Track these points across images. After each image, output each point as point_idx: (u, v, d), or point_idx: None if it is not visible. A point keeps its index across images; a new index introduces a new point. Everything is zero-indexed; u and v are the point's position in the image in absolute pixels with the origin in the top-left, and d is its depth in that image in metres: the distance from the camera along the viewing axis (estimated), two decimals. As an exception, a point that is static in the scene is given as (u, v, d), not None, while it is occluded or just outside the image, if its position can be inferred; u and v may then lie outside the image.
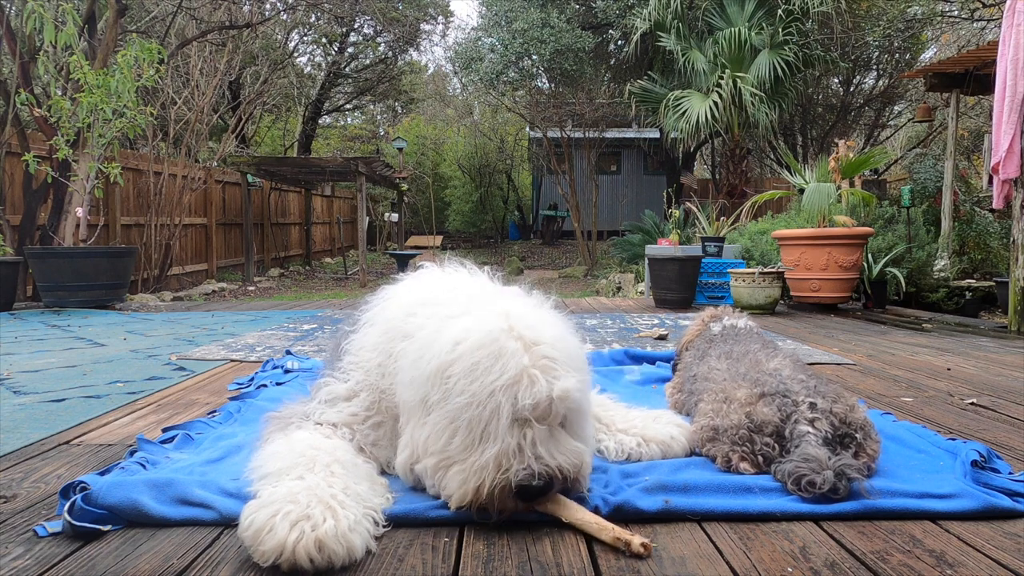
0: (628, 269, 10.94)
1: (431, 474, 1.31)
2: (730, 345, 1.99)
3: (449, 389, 1.28)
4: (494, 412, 1.24)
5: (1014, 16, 4.22)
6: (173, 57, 9.42)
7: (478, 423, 1.24)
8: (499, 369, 1.25)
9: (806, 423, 1.51)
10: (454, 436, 1.27)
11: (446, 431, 1.28)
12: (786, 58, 9.57)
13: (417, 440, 1.34)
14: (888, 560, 1.17)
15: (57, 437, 1.91)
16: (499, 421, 1.23)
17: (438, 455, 1.29)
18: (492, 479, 1.22)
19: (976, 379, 2.79)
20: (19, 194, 6.92)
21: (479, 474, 1.23)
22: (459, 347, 1.29)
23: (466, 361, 1.27)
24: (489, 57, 13.31)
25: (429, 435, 1.31)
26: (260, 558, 1.12)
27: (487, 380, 1.25)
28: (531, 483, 1.22)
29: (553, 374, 1.29)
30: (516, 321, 1.32)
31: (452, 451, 1.28)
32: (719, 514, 1.34)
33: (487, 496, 1.23)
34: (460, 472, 1.25)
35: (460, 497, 1.25)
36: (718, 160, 15.41)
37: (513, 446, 1.24)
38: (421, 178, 21.00)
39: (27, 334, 4.20)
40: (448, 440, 1.28)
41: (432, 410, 1.31)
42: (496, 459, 1.23)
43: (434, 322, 1.42)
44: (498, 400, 1.24)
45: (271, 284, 11.76)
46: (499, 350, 1.27)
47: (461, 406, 1.25)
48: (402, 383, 1.39)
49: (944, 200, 7.72)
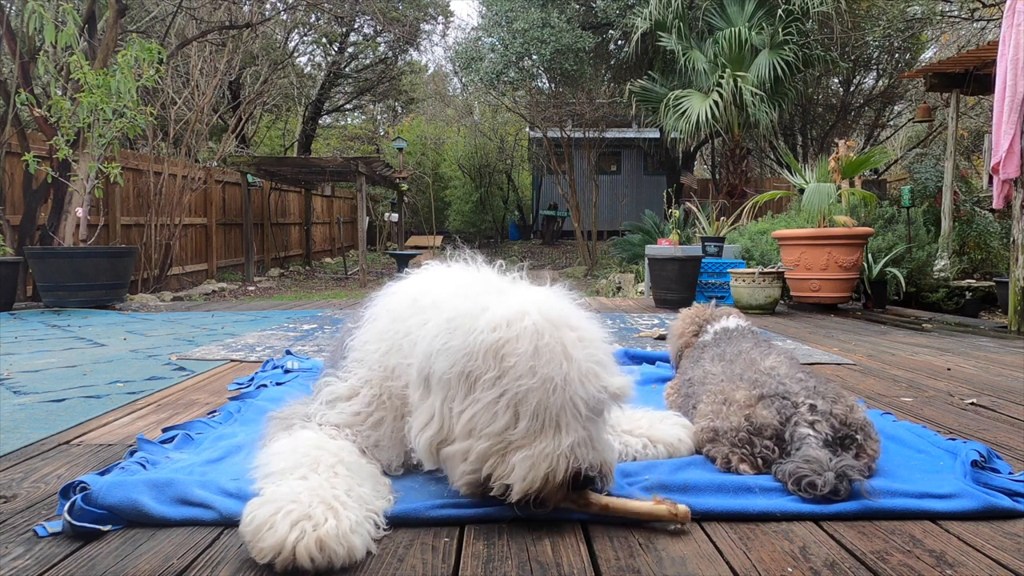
0: (628, 269, 10.94)
1: (479, 459, 1.24)
2: (723, 347, 1.99)
3: (508, 368, 1.22)
4: (569, 402, 1.21)
5: (1014, 16, 4.22)
6: (173, 57, 9.42)
7: (548, 410, 1.21)
8: (568, 358, 1.23)
9: (806, 425, 1.50)
10: (518, 420, 1.21)
11: (505, 413, 1.22)
12: (786, 58, 9.57)
13: (454, 416, 1.26)
14: (888, 560, 1.17)
15: (57, 437, 1.91)
16: (576, 412, 1.22)
17: (493, 438, 1.22)
18: (565, 467, 1.19)
19: (976, 379, 2.79)
20: (19, 194, 6.92)
21: (550, 460, 1.19)
22: (515, 326, 1.24)
23: (528, 343, 1.22)
24: (489, 57, 13.31)
25: (477, 414, 1.23)
26: (258, 555, 1.11)
27: (557, 369, 1.21)
28: (591, 473, 1.22)
29: (611, 371, 1.29)
30: (560, 315, 1.30)
31: (515, 436, 1.22)
32: (719, 514, 1.34)
33: (554, 484, 1.20)
34: (528, 458, 1.20)
35: (529, 483, 1.20)
36: (718, 160, 15.41)
37: (584, 437, 1.22)
38: (421, 178, 21.00)
39: (27, 334, 4.20)
40: (509, 423, 1.22)
41: (480, 387, 1.24)
42: (571, 449, 1.20)
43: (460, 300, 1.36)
44: (574, 390, 1.21)
45: (271, 284, 11.76)
46: (562, 338, 1.24)
47: (530, 388, 1.20)
48: (430, 351, 1.30)
49: (944, 200, 7.72)
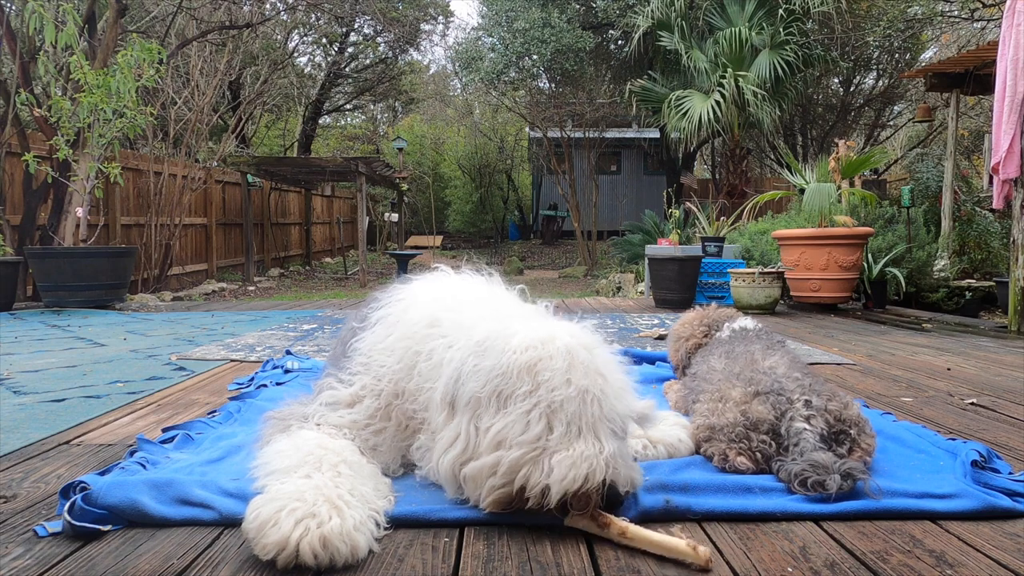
0: (628, 269, 10.94)
1: (511, 469, 1.20)
2: (734, 345, 2.00)
3: (543, 381, 1.22)
4: (606, 414, 1.23)
5: (1014, 16, 4.21)
6: (173, 57, 9.41)
7: (585, 418, 1.20)
8: (603, 375, 1.25)
9: (802, 420, 1.51)
10: (552, 427, 1.20)
11: (540, 422, 1.20)
12: (786, 58, 9.57)
13: (480, 433, 1.25)
14: (888, 560, 1.17)
15: (57, 437, 1.91)
16: (612, 424, 1.23)
17: (526, 446, 1.20)
18: (603, 470, 1.17)
19: (976, 379, 2.79)
20: (19, 194, 6.92)
21: (591, 463, 1.17)
22: (547, 347, 1.25)
23: (561, 361, 1.23)
24: (490, 57, 13.32)
25: (508, 425, 1.22)
26: (261, 551, 1.11)
27: (593, 382, 1.23)
28: (624, 489, 1.23)
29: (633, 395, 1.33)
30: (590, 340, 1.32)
31: (551, 442, 1.19)
32: (719, 514, 1.34)
33: (593, 487, 1.17)
34: (567, 458, 1.17)
35: (570, 482, 1.16)
36: (718, 160, 15.41)
37: (619, 450, 1.23)
38: (421, 178, 21.00)
39: (27, 334, 4.20)
40: (543, 431, 1.20)
41: (512, 401, 1.24)
42: (609, 458, 1.19)
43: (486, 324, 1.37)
44: (611, 404, 1.23)
45: (271, 284, 11.76)
46: (594, 359, 1.27)
47: (565, 398, 1.20)
48: (457, 374, 1.31)
49: (944, 200, 7.71)
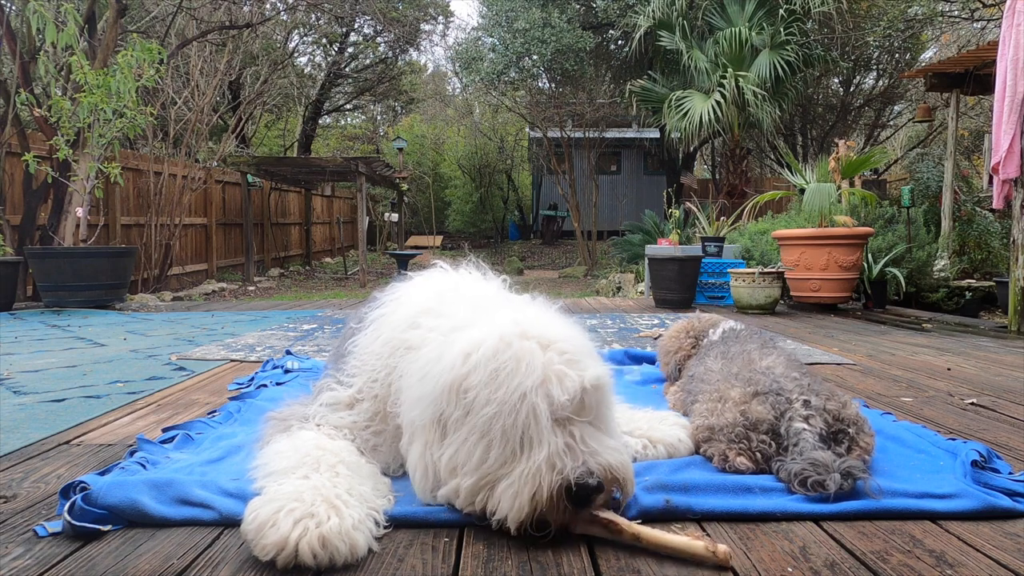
0: (628, 269, 10.94)
1: (469, 496, 1.20)
2: (728, 345, 2.01)
3: (470, 402, 1.19)
4: (530, 415, 1.15)
5: (1014, 16, 4.21)
6: (173, 57, 9.42)
7: (514, 430, 1.15)
8: (524, 371, 1.17)
9: (801, 420, 1.52)
10: (489, 450, 1.17)
11: (478, 446, 1.18)
12: (787, 58, 9.57)
13: (437, 462, 1.24)
14: (888, 560, 1.17)
15: (57, 437, 1.91)
16: (539, 423, 1.15)
17: (474, 474, 1.18)
18: (549, 482, 1.11)
19: (976, 379, 2.79)
20: (19, 194, 6.92)
21: (532, 481, 1.12)
22: (472, 358, 1.21)
23: (483, 371, 1.18)
24: (490, 57, 13.32)
25: (455, 453, 1.20)
26: (260, 552, 1.11)
27: (513, 384, 1.16)
28: (587, 480, 1.12)
29: (579, 366, 1.21)
30: (527, 325, 1.25)
31: (491, 467, 1.17)
32: (719, 514, 1.34)
33: (546, 503, 1.13)
34: (510, 486, 1.14)
35: (518, 512, 1.13)
36: (718, 160, 15.42)
37: (562, 445, 1.15)
38: (421, 178, 21.00)
39: (27, 334, 4.20)
40: (483, 455, 1.17)
41: (451, 428, 1.22)
42: (548, 461, 1.13)
43: (436, 335, 1.35)
44: (532, 401, 1.15)
45: (271, 284, 11.76)
46: (517, 353, 1.19)
47: (490, 416, 1.16)
48: (408, 401, 1.31)
49: (944, 200, 7.72)
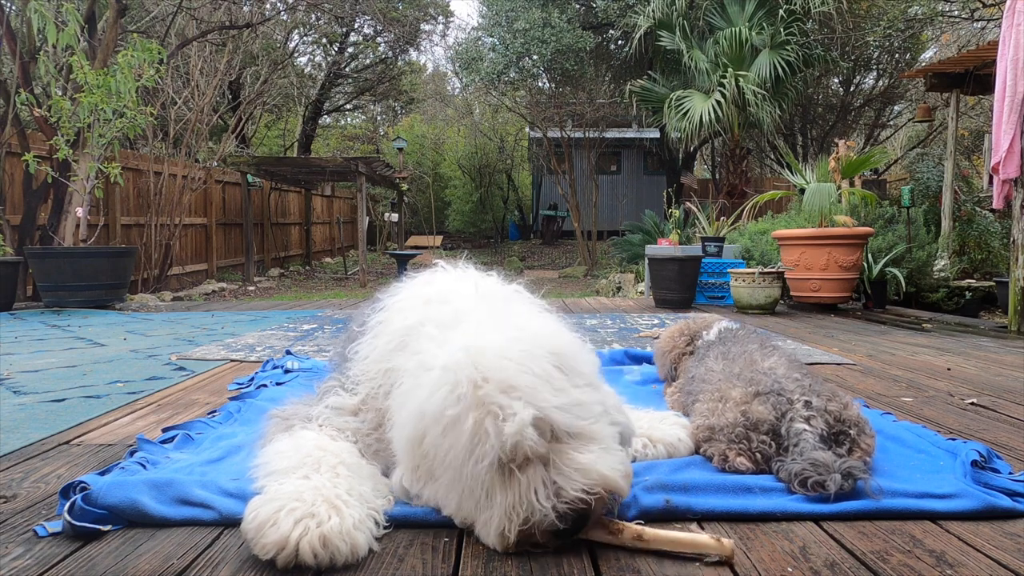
0: (628, 269, 10.94)
1: (459, 522, 1.27)
2: (728, 346, 2.00)
3: (431, 461, 1.24)
4: (479, 474, 1.16)
5: (1014, 16, 4.21)
6: (173, 57, 9.42)
7: (473, 486, 1.19)
8: (453, 439, 1.18)
9: (802, 421, 1.51)
10: (460, 498, 1.23)
11: (449, 493, 1.24)
12: (787, 58, 9.57)
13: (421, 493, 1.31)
14: (888, 560, 1.17)
15: (57, 437, 1.91)
16: (482, 486, 1.18)
17: (456, 514, 1.25)
18: (514, 531, 1.16)
19: (976, 379, 2.79)
20: (19, 194, 6.92)
21: (499, 525, 1.17)
22: (424, 419, 1.23)
23: (434, 432, 1.21)
24: (490, 57, 13.32)
25: (435, 496, 1.28)
26: (261, 551, 1.12)
27: (459, 446, 1.17)
28: (557, 527, 1.13)
29: (500, 419, 1.15)
30: (479, 357, 1.21)
31: (465, 513, 1.23)
32: (719, 513, 1.34)
33: (523, 536, 1.16)
34: (484, 526, 1.20)
35: (501, 544, 1.18)
36: (718, 160, 15.42)
37: (516, 499, 1.15)
38: (421, 178, 21.00)
39: (27, 334, 4.20)
40: (458, 502, 1.23)
41: (423, 480, 1.28)
42: (507, 514, 1.16)
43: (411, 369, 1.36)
44: (468, 471, 1.17)
45: (271, 284, 11.76)
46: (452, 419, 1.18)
47: (450, 478, 1.22)
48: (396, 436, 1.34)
49: (944, 200, 7.72)
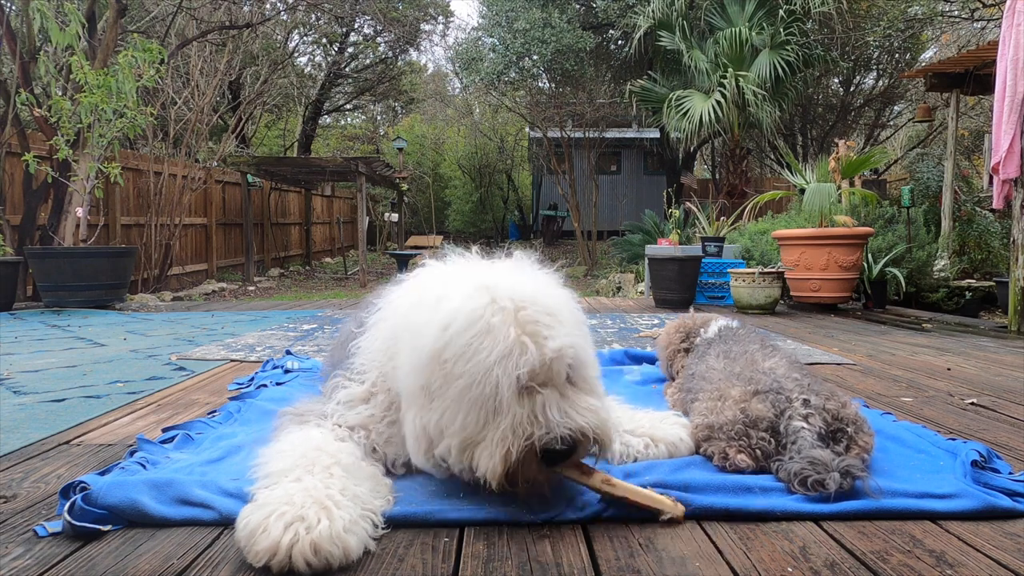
0: (628, 269, 10.94)
1: (457, 455, 1.31)
2: (729, 344, 2.00)
3: (448, 373, 1.29)
4: (494, 388, 1.24)
5: (1014, 16, 4.21)
6: (173, 57, 9.42)
7: (483, 400, 1.26)
8: (489, 345, 1.26)
9: (800, 419, 1.52)
10: (467, 416, 1.28)
11: (458, 413, 1.29)
12: (787, 58, 9.57)
13: (427, 425, 1.34)
14: (888, 560, 1.17)
15: (57, 437, 1.91)
16: (500, 394, 1.25)
17: (458, 435, 1.30)
18: (517, 446, 1.23)
19: (976, 379, 2.79)
20: (19, 194, 6.92)
21: (502, 445, 1.24)
22: (448, 331, 1.29)
23: (457, 344, 1.28)
24: (490, 57, 13.32)
25: (441, 418, 1.32)
26: (253, 559, 1.12)
27: (480, 359, 1.25)
28: (554, 447, 1.23)
29: (542, 337, 1.28)
30: (499, 292, 1.32)
31: (470, 431, 1.29)
32: (719, 513, 1.34)
33: (515, 463, 1.24)
34: (485, 448, 1.27)
35: (492, 471, 1.25)
36: (718, 160, 15.42)
37: (526, 415, 1.25)
38: (421, 178, 21.01)
39: (27, 334, 4.20)
40: (463, 421, 1.29)
41: (435, 396, 1.32)
42: (512, 429, 1.24)
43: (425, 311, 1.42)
44: (496, 375, 1.24)
45: (271, 284, 11.75)
46: (486, 326, 1.28)
47: (463, 388, 1.27)
48: (403, 373, 1.41)
49: (944, 200, 7.72)
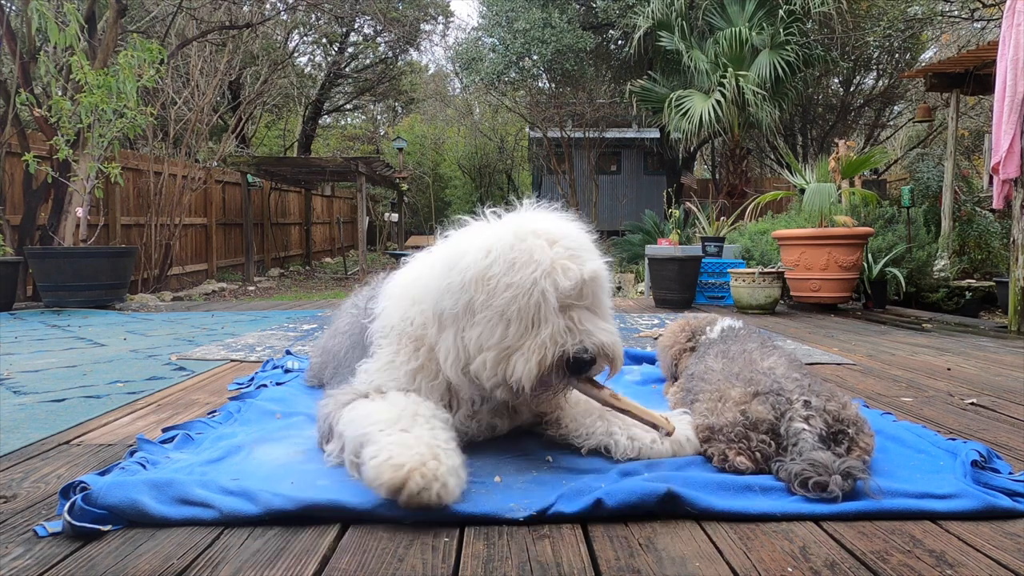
0: (628, 269, 10.94)
1: (492, 366, 1.44)
2: (728, 344, 2.00)
3: (493, 288, 1.43)
4: (540, 298, 1.40)
5: (1014, 16, 4.21)
6: (173, 57, 9.41)
7: (527, 311, 1.41)
8: (535, 262, 1.42)
9: (801, 420, 1.51)
10: (508, 327, 1.42)
11: (499, 325, 1.43)
12: (787, 58, 9.57)
13: (467, 342, 1.47)
14: (888, 560, 1.17)
15: (57, 437, 1.91)
16: (546, 305, 1.41)
17: (496, 348, 1.43)
18: (552, 353, 1.40)
19: (976, 379, 2.79)
20: (19, 194, 6.92)
21: (540, 351, 1.40)
22: (492, 252, 1.44)
23: (503, 262, 1.43)
24: (490, 57, 13.32)
25: (481, 333, 1.44)
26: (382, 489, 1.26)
27: (527, 273, 1.41)
28: (583, 355, 1.41)
29: (580, 260, 1.47)
30: (535, 225, 1.49)
31: (510, 341, 1.42)
32: (719, 513, 1.34)
33: (548, 369, 1.41)
34: (522, 355, 1.41)
35: (527, 375, 1.40)
36: (718, 160, 15.42)
37: (563, 325, 1.42)
38: (421, 178, 21.00)
39: (27, 334, 4.20)
40: (503, 332, 1.42)
41: (478, 311, 1.45)
42: (552, 337, 1.40)
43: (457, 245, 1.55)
44: (542, 287, 1.40)
45: (271, 284, 11.75)
46: (529, 247, 1.44)
47: (509, 299, 1.41)
48: (435, 294, 1.53)
49: (944, 200, 7.72)
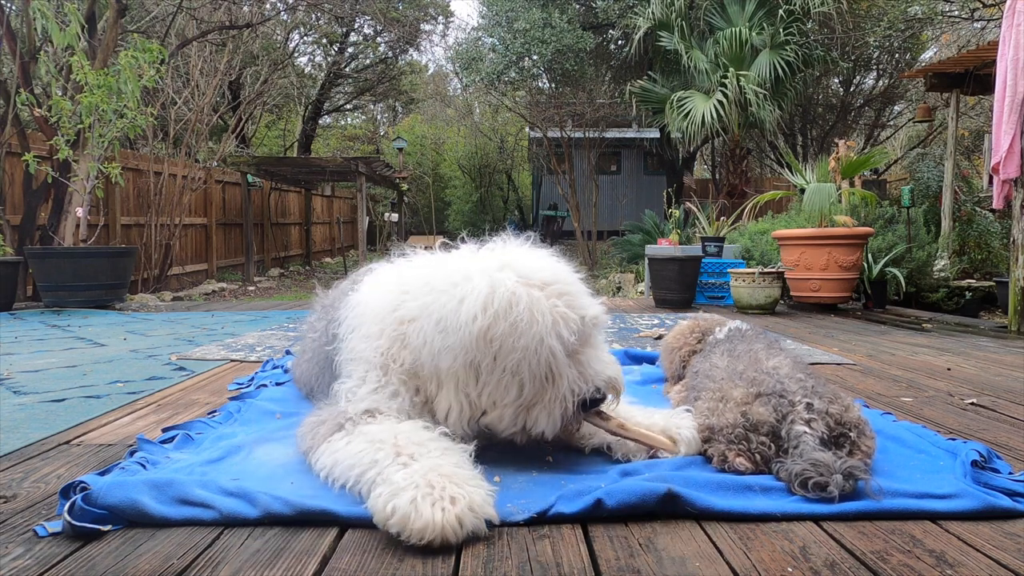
0: (628, 269, 10.94)
1: (511, 420, 1.50)
2: (735, 343, 2.00)
3: (498, 350, 1.45)
4: (549, 356, 1.44)
5: (1014, 16, 4.21)
6: (173, 57, 9.42)
7: (539, 368, 1.45)
8: (539, 320, 1.44)
9: (802, 423, 1.50)
10: (523, 386, 1.46)
11: (513, 385, 1.47)
12: (787, 58, 9.57)
13: (475, 398, 1.51)
14: (888, 560, 1.17)
15: (57, 437, 1.91)
16: (556, 360, 1.45)
17: (513, 404, 1.49)
18: (573, 403, 1.48)
19: (976, 379, 2.79)
20: (19, 194, 6.92)
21: (561, 404, 1.48)
22: (490, 311, 1.44)
23: (504, 322, 1.44)
24: (490, 57, 13.32)
25: (493, 391, 1.48)
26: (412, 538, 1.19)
27: (532, 332, 1.43)
28: (596, 396, 1.50)
29: (578, 306, 1.51)
30: (521, 271, 1.50)
31: (527, 397, 1.47)
32: (719, 513, 1.34)
33: (571, 417, 1.50)
34: (543, 408, 1.48)
35: (552, 427, 1.49)
36: (718, 160, 15.42)
37: (576, 375, 1.49)
38: (421, 178, 21.01)
39: (27, 334, 4.20)
40: (519, 391, 1.47)
41: (484, 371, 1.48)
42: (569, 388, 1.48)
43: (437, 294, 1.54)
44: (549, 344, 1.43)
45: (271, 284, 11.76)
46: (529, 303, 1.45)
47: (518, 361, 1.44)
48: (432, 353, 1.52)
49: (944, 200, 7.72)
